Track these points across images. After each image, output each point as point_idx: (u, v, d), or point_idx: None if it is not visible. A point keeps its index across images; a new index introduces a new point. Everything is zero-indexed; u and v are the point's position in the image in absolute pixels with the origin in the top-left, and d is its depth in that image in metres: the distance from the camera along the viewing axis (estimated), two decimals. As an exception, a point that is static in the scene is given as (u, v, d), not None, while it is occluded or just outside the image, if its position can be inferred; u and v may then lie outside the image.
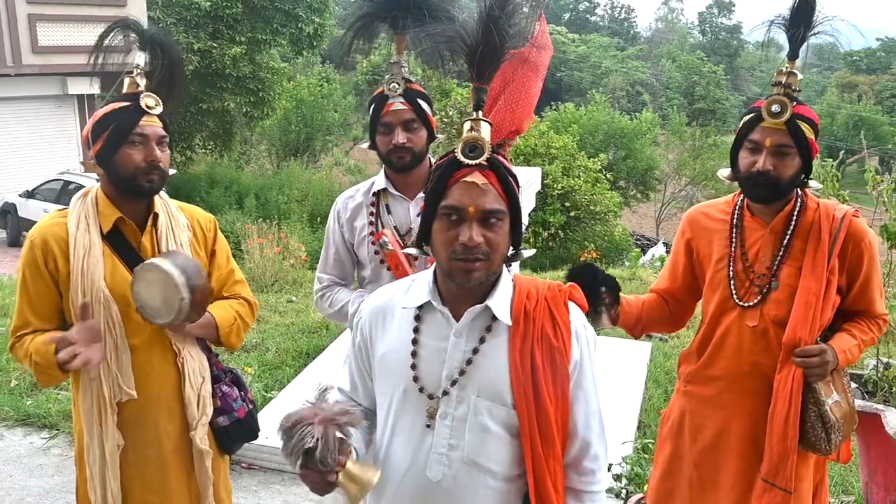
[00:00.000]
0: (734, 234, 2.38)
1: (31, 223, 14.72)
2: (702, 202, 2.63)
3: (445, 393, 1.63)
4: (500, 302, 1.64)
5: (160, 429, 2.23)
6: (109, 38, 2.24)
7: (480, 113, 1.65)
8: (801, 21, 2.22)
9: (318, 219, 16.51)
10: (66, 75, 16.80)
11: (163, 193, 2.29)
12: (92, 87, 17.27)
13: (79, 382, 2.19)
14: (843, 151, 3.54)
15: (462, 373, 1.63)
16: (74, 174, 15.21)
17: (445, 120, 18.57)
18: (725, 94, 50.71)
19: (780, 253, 2.30)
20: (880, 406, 2.86)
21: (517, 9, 1.72)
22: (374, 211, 2.65)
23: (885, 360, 3.17)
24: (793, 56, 2.24)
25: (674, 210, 31.48)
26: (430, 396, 1.64)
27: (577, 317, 1.71)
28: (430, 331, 1.67)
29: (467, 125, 1.64)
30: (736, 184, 2.34)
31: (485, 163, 1.58)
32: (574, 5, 73.53)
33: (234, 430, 2.36)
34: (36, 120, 17.07)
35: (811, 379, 2.23)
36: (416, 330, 1.67)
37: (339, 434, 1.53)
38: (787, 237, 2.30)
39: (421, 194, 2.62)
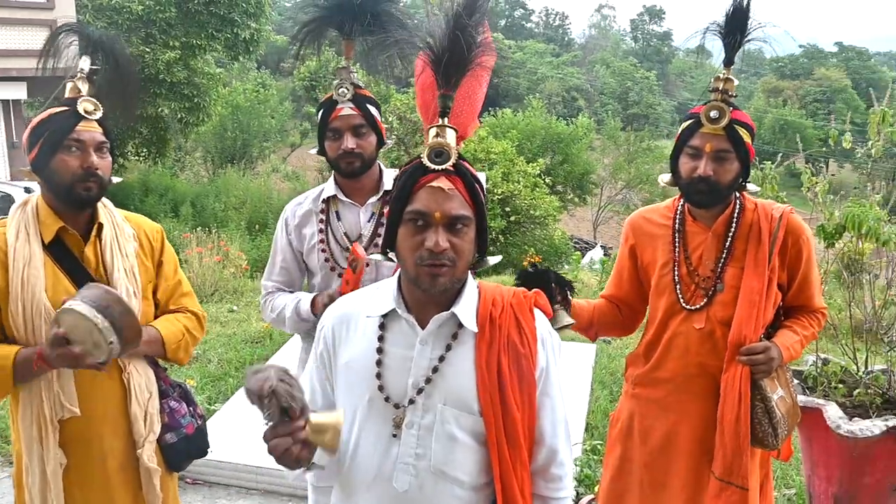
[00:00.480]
0: (677, 239, 2.41)
1: (-46, 234, 14.13)
2: (642, 207, 2.66)
3: (411, 401, 1.61)
4: (466, 309, 1.63)
5: (105, 447, 2.14)
6: (55, 41, 2.16)
7: (447, 119, 1.64)
8: (736, 28, 2.25)
9: (257, 226, 16.25)
10: (-9, 80, 16.20)
11: (107, 202, 2.20)
12: (19, 93, 16.73)
13: (18, 399, 2.09)
14: (780, 155, 3.62)
15: (428, 381, 1.61)
16: (1, 182, 14.62)
17: (386, 126, 18.56)
18: (658, 99, 51.96)
19: (724, 255, 2.33)
20: (821, 401, 2.93)
21: (483, 17, 1.70)
22: (324, 218, 2.61)
23: (823, 356, 3.26)
24: (728, 62, 2.27)
25: (610, 214, 32.03)
26: (396, 406, 1.62)
27: (542, 323, 1.71)
28: (395, 339, 1.65)
29: (433, 131, 1.63)
30: (674, 189, 2.37)
31: (451, 168, 1.57)
32: (510, 12, 74.31)
33: (183, 447, 2.28)
34: (-43, 127, 16.42)
35: (757, 376, 2.26)
36: (380, 338, 1.65)
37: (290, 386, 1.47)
38: (729, 239, 2.33)
39: (371, 199, 2.59)
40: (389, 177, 2.64)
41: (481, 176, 2.58)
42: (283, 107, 31.89)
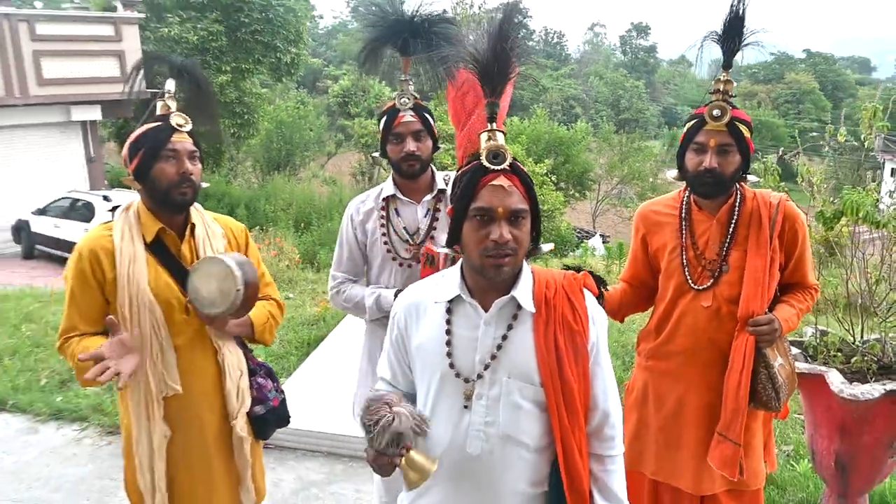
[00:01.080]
0: (684, 227, 2.38)
1: (43, 237, 14.28)
2: (647, 201, 2.62)
3: (479, 376, 1.60)
4: (524, 292, 1.62)
5: (203, 420, 2.15)
6: (143, 66, 2.21)
7: (494, 125, 1.63)
8: (733, 34, 2.21)
9: (302, 224, 16.30)
10: (70, 104, 16.35)
11: (198, 205, 2.20)
12: (94, 114, 16.87)
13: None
14: (781, 150, 3.54)
15: (493, 357, 1.60)
16: (81, 192, 14.76)
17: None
18: (646, 105, 51.44)
19: (728, 240, 2.30)
20: (823, 368, 2.85)
21: (522, 29, 1.69)
22: (385, 214, 2.59)
23: (821, 328, 3.19)
24: (727, 66, 2.23)
25: (607, 206, 31.79)
26: (466, 380, 1.61)
27: (591, 302, 1.69)
28: (461, 321, 1.64)
29: (485, 135, 1.62)
30: (666, 184, 2.32)
31: (508, 167, 1.56)
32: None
33: (270, 418, 2.29)
34: (44, 145, 16.58)
35: (762, 345, 2.24)
36: (448, 321, 1.64)
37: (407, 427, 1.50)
38: (732, 225, 2.30)
39: (427, 197, 2.56)
40: (440, 177, 2.62)
41: None
42: (320, 121, 31.96)
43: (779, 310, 2.31)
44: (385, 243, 2.56)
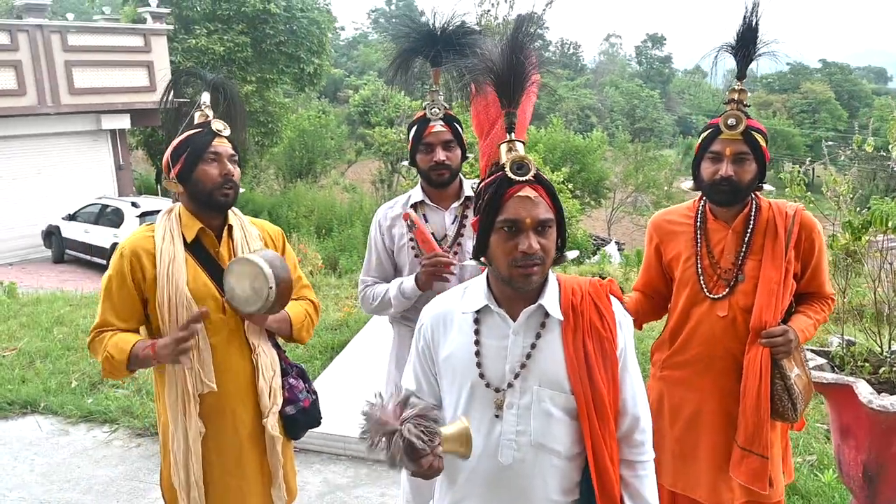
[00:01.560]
0: (699, 236, 2.33)
1: (73, 242, 14.46)
2: (660, 210, 2.58)
3: (510, 385, 1.57)
4: (551, 300, 1.59)
5: (237, 418, 2.15)
6: (178, 80, 2.30)
7: (513, 134, 1.61)
8: (746, 44, 2.19)
9: (324, 230, 16.36)
10: (100, 113, 16.59)
11: (236, 209, 2.24)
12: (123, 123, 17.09)
13: (163, 378, 2.12)
14: (808, 160, 3.47)
15: (523, 366, 1.57)
16: (110, 199, 14.94)
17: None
18: (661, 114, 51.18)
19: (743, 249, 2.25)
20: (851, 378, 2.79)
21: (537, 39, 1.68)
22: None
23: (847, 338, 3.12)
24: (741, 76, 2.21)
25: (622, 214, 31.64)
26: (497, 390, 1.58)
27: (618, 308, 1.66)
28: (489, 331, 1.61)
29: (504, 146, 1.61)
30: (679, 193, 2.28)
31: (532, 178, 1.54)
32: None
33: (301, 418, 2.29)
34: (74, 152, 16.85)
35: (777, 357, 2.19)
36: (476, 332, 1.61)
37: (421, 423, 1.44)
38: (748, 235, 2.26)
39: (454, 204, 2.54)
40: (468, 185, 2.60)
41: None
42: (341, 130, 32.17)
43: (795, 320, 2.27)
44: (413, 248, 2.54)
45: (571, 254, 1.67)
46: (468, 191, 2.58)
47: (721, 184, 2.17)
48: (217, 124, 2.11)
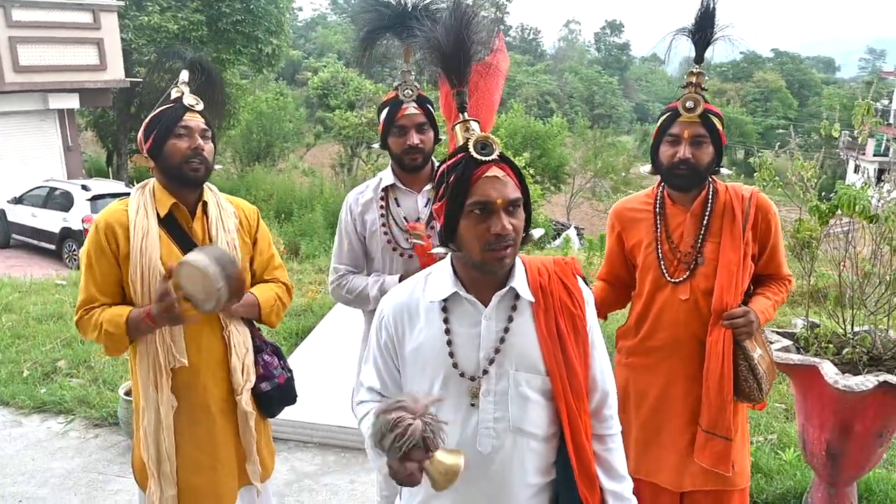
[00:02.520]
0: (658, 221, 2.35)
1: (20, 227, 13.90)
2: (622, 198, 2.59)
3: (485, 372, 1.53)
4: (520, 282, 1.55)
5: (209, 393, 2.14)
6: (161, 59, 2.30)
7: (467, 114, 1.56)
8: (704, 27, 2.20)
9: (283, 215, 16.09)
10: (47, 92, 15.95)
11: (212, 186, 2.21)
12: (72, 103, 16.48)
13: (136, 352, 2.10)
14: (778, 145, 3.52)
15: (497, 351, 1.53)
16: (59, 181, 14.38)
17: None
18: (619, 100, 51.73)
19: (702, 232, 2.27)
20: (816, 359, 2.84)
21: (477, 18, 1.62)
22: (385, 205, 2.51)
23: (812, 320, 3.18)
24: (699, 59, 2.22)
25: (581, 199, 31.99)
26: (472, 378, 1.53)
27: (583, 285, 1.64)
28: (459, 319, 1.55)
29: (459, 127, 1.55)
30: (647, 178, 2.30)
31: (498, 157, 1.48)
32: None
33: (276, 395, 2.28)
34: (20, 133, 16.17)
35: (740, 338, 2.22)
36: (445, 321, 1.55)
37: (438, 430, 1.39)
38: (706, 218, 2.28)
39: (427, 187, 2.49)
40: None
41: None
42: (299, 112, 31.66)
43: (755, 301, 2.30)
44: (385, 234, 2.48)
45: (537, 232, 1.61)
46: (442, 172, 2.53)
47: (679, 166, 2.19)
48: (189, 98, 2.09)
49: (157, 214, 2.09)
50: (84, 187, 13.49)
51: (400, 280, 2.38)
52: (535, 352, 1.54)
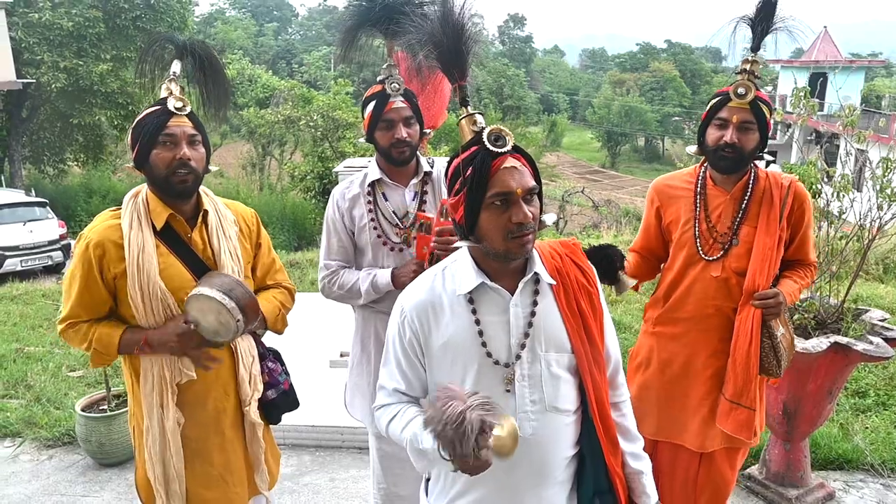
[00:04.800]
0: (698, 200, 2.44)
1: None
2: (663, 174, 2.68)
3: (518, 357, 1.57)
4: (540, 267, 1.61)
5: (218, 406, 2.06)
6: (152, 47, 2.06)
7: (470, 108, 1.61)
8: (764, 18, 2.30)
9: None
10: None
11: (209, 191, 2.08)
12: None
13: (137, 370, 2.00)
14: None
15: (527, 335, 1.58)
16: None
17: (311, 124, 18.12)
18: (526, 92, 52.75)
19: (739, 215, 2.37)
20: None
21: (470, 10, 1.67)
22: (372, 199, 2.51)
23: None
24: (755, 48, 2.31)
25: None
26: (506, 365, 1.57)
27: (589, 262, 1.73)
28: (487, 309, 1.59)
29: (466, 121, 1.59)
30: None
31: (511, 148, 1.53)
32: (395, 22, 73.18)
33: (282, 402, 2.22)
34: None
35: (768, 318, 2.33)
36: (474, 311, 1.59)
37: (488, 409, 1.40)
38: (745, 202, 2.37)
39: (413, 181, 2.51)
40: (424, 160, 2.57)
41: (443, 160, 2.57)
42: (201, 112, 30.45)
43: (783, 284, 2.42)
44: (375, 228, 2.49)
45: (549, 218, 1.64)
46: (426, 166, 2.55)
47: (725, 149, 2.26)
48: (175, 101, 1.93)
49: (153, 226, 1.96)
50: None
51: (392, 275, 2.41)
52: (561, 331, 1.60)
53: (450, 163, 1.61)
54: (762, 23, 2.30)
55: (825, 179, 3.33)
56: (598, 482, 1.64)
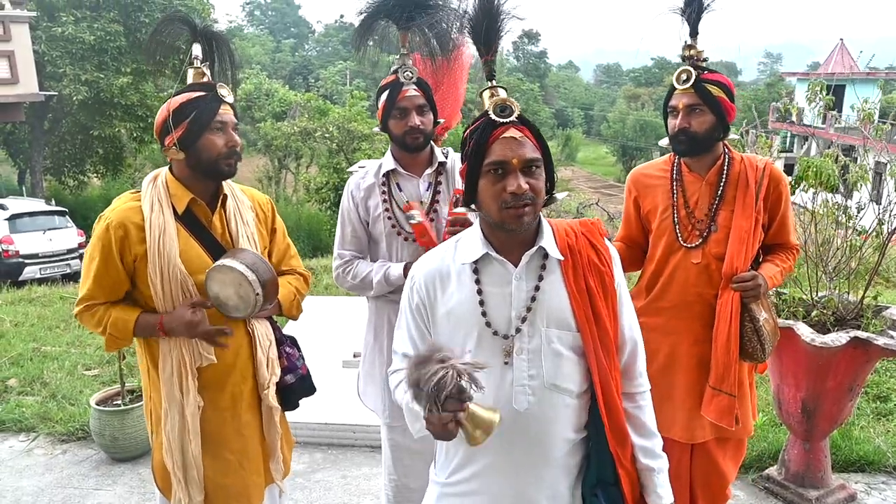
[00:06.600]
0: (675, 187, 2.44)
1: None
2: (639, 165, 2.69)
3: (518, 330, 1.56)
4: (549, 242, 1.59)
5: (235, 390, 2.06)
6: (167, 26, 2.11)
7: (494, 81, 1.62)
8: (693, 2, 2.31)
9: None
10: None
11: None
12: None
13: (153, 354, 2.00)
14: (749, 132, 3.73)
15: (529, 309, 1.56)
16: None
17: (327, 136, 18.27)
18: (541, 107, 52.84)
19: (716, 200, 2.37)
20: (790, 322, 3.02)
21: None
22: (386, 189, 2.51)
23: (777, 289, 3.37)
24: (693, 33, 2.34)
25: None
26: (505, 336, 1.56)
27: (609, 244, 1.70)
28: (490, 280, 1.58)
29: (487, 93, 1.60)
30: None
31: (516, 119, 1.53)
32: (411, 38, 73.84)
33: (299, 387, 2.21)
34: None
35: (747, 300, 2.32)
36: (477, 281, 1.59)
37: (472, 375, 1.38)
38: (721, 187, 2.38)
39: (427, 171, 2.51)
40: (438, 151, 2.57)
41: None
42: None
43: (763, 267, 2.41)
44: (389, 218, 2.49)
45: (561, 195, 1.64)
46: (441, 156, 2.55)
47: (679, 135, 2.30)
48: (223, 90, 1.98)
49: (174, 210, 1.98)
50: (1, 206, 12.75)
51: (405, 268, 2.40)
52: (566, 309, 1.57)
53: (464, 132, 1.62)
54: (690, 8, 2.31)
55: (842, 176, 3.30)
56: (603, 472, 1.60)
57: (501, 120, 1.51)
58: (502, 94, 1.58)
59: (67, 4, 17.82)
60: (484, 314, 1.56)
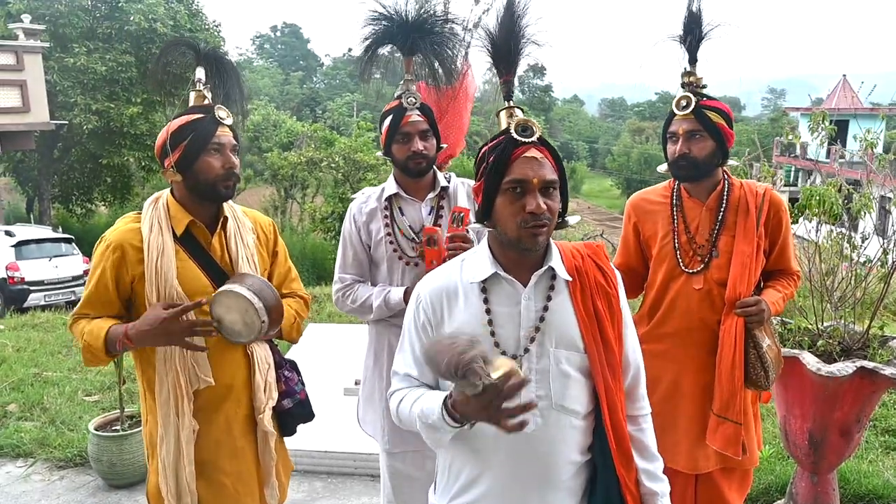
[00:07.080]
0: (675, 213, 2.44)
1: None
2: (639, 190, 2.68)
3: (526, 350, 1.55)
4: (557, 263, 1.60)
5: (230, 414, 2.03)
6: (171, 50, 2.14)
7: (511, 102, 1.66)
8: (692, 30, 2.34)
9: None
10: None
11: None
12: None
13: (150, 377, 1.98)
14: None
15: (537, 329, 1.56)
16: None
17: (333, 165, 18.41)
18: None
19: (717, 226, 2.37)
20: (796, 351, 2.99)
21: (527, 10, 1.71)
22: (388, 214, 2.52)
23: (779, 317, 3.35)
24: (692, 60, 2.36)
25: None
26: (513, 356, 1.55)
27: (613, 267, 1.71)
28: (499, 299, 1.58)
29: (504, 113, 1.64)
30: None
31: (537, 140, 1.55)
32: (418, 72, 74.81)
33: (297, 412, 2.19)
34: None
35: (751, 326, 2.30)
36: (485, 300, 1.58)
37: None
38: (721, 212, 2.38)
39: (430, 195, 2.52)
40: (441, 176, 2.59)
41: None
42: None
43: (766, 293, 2.40)
44: (391, 243, 2.49)
45: (573, 218, 1.65)
46: (443, 181, 2.57)
47: (679, 160, 2.30)
48: (221, 112, 1.98)
49: (173, 231, 1.98)
50: (8, 233, 12.83)
51: (405, 293, 2.39)
52: (574, 329, 1.57)
53: (479, 150, 1.64)
54: (690, 35, 2.33)
55: (845, 204, 3.30)
56: (609, 496, 1.58)
57: (523, 139, 1.53)
58: (520, 114, 1.61)
59: (80, 36, 18.15)
60: (493, 333, 1.56)
